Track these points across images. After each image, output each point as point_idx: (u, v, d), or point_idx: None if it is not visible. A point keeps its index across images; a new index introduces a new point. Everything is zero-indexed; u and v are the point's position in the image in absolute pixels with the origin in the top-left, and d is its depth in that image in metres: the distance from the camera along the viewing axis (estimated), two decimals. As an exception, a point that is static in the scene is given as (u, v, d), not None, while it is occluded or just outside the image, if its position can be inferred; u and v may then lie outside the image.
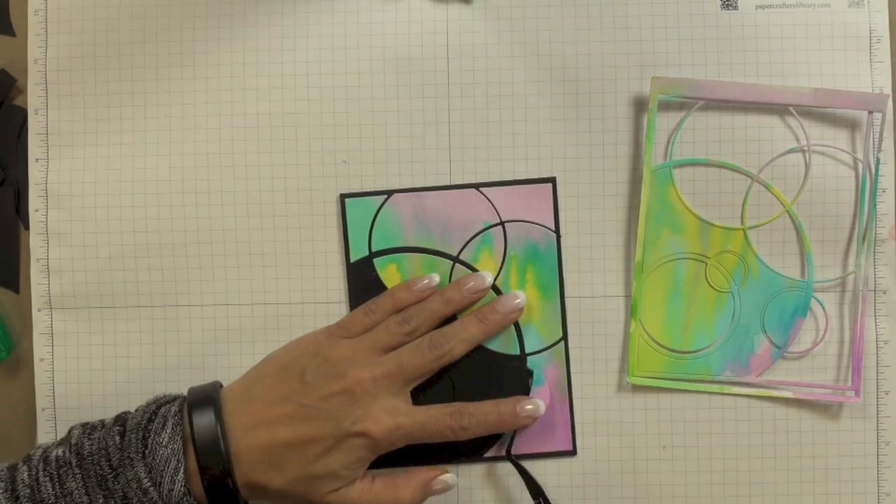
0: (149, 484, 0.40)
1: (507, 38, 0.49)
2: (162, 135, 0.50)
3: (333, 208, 0.50)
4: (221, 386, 0.45)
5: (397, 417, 0.43)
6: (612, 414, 0.49)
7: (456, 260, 0.49)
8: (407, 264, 0.49)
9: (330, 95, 0.50)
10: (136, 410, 0.43)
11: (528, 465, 0.49)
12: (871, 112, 0.48)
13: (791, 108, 0.48)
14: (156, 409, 0.42)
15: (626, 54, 0.49)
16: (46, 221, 0.50)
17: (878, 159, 0.48)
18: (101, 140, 0.50)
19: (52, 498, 0.40)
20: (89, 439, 0.41)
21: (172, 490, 0.40)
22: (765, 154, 0.49)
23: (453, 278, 0.49)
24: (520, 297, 0.47)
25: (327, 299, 0.50)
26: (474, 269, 0.49)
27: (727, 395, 0.49)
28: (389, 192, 0.49)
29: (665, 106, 0.49)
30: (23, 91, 0.51)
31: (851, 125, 0.49)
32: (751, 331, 0.49)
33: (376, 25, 0.50)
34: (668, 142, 0.49)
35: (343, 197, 0.49)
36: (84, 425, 0.43)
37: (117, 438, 0.41)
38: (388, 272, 0.49)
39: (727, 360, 0.49)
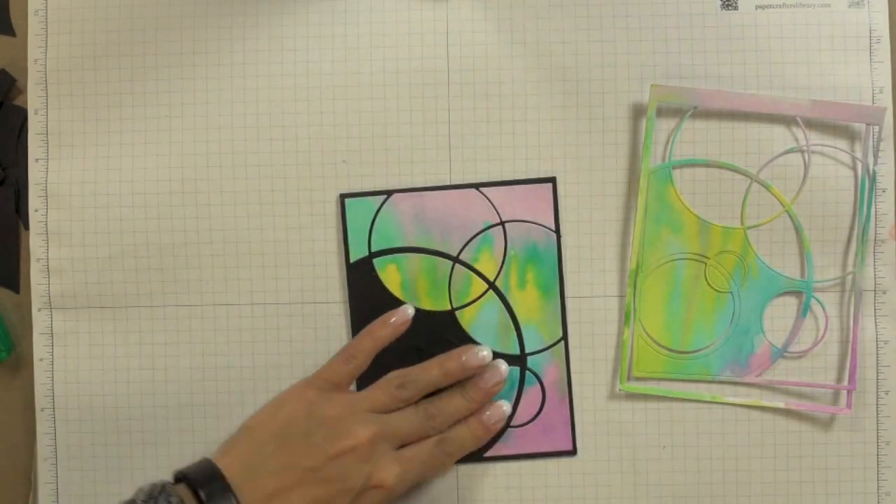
0: None
1: (507, 38, 0.49)
2: (162, 135, 0.50)
3: (333, 208, 0.50)
4: (213, 463, 0.42)
5: (403, 464, 0.44)
6: (612, 414, 0.49)
7: (456, 260, 0.49)
8: (407, 264, 0.49)
9: (330, 95, 0.50)
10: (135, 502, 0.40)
11: (529, 464, 0.49)
12: (869, 124, 0.48)
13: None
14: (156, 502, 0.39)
15: (626, 54, 0.49)
16: (46, 221, 0.50)
17: (874, 172, 0.48)
18: (101, 140, 0.50)
19: None
20: None
21: None
22: (764, 154, 0.49)
23: (453, 278, 0.49)
24: (502, 372, 0.47)
25: (327, 299, 0.50)
26: (474, 270, 0.49)
27: (717, 403, 0.49)
28: (389, 192, 0.49)
29: (664, 107, 0.49)
30: (23, 91, 0.51)
31: (851, 126, 0.49)
32: (751, 331, 0.49)
33: (376, 25, 0.50)
34: (668, 142, 0.49)
35: (343, 197, 0.49)
36: None
37: None
38: (388, 272, 0.49)
39: (727, 360, 0.49)
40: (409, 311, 0.48)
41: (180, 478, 0.42)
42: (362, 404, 0.45)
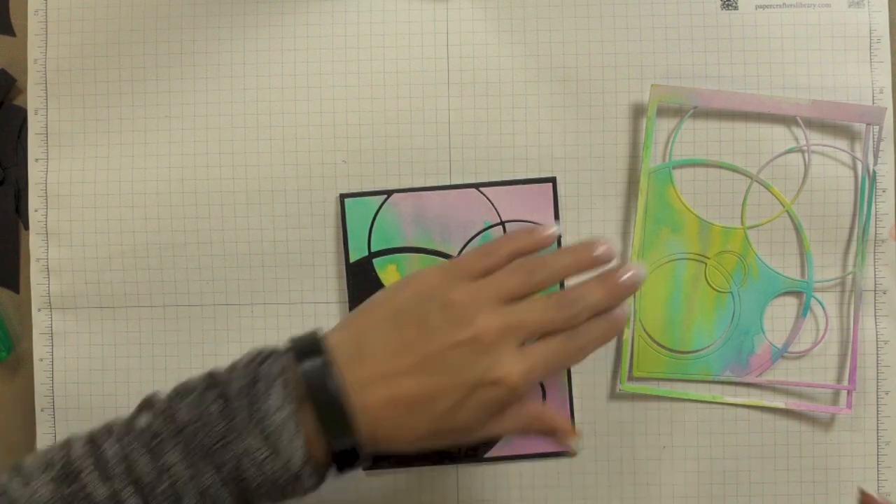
0: (265, 454, 0.35)
1: (507, 38, 0.49)
2: (162, 135, 0.50)
3: (333, 208, 0.50)
4: (323, 336, 0.39)
5: (527, 360, 0.38)
6: (612, 414, 0.49)
7: (456, 260, 0.49)
8: (407, 264, 0.49)
9: (330, 95, 0.50)
10: (232, 370, 0.38)
11: (529, 464, 0.49)
12: (869, 124, 0.48)
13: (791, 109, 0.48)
14: (257, 369, 0.37)
15: (626, 54, 0.49)
16: (46, 221, 0.50)
17: (874, 172, 0.48)
18: (101, 140, 0.50)
19: (152, 474, 0.35)
20: (184, 405, 0.37)
21: (292, 459, 0.35)
22: (764, 154, 0.49)
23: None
24: (642, 267, 0.41)
25: (327, 299, 0.50)
26: (474, 269, 0.49)
27: (717, 403, 0.49)
28: (389, 192, 0.49)
29: (664, 107, 0.49)
30: (23, 91, 0.51)
31: (851, 126, 0.49)
32: (751, 331, 0.49)
33: (376, 25, 0.50)
34: (668, 142, 0.49)
35: (342, 197, 0.49)
36: (176, 392, 0.38)
37: (220, 403, 0.36)
38: (388, 272, 0.49)
39: (727, 361, 0.49)
40: (557, 230, 0.42)
41: (291, 346, 0.39)
42: (488, 290, 0.39)
